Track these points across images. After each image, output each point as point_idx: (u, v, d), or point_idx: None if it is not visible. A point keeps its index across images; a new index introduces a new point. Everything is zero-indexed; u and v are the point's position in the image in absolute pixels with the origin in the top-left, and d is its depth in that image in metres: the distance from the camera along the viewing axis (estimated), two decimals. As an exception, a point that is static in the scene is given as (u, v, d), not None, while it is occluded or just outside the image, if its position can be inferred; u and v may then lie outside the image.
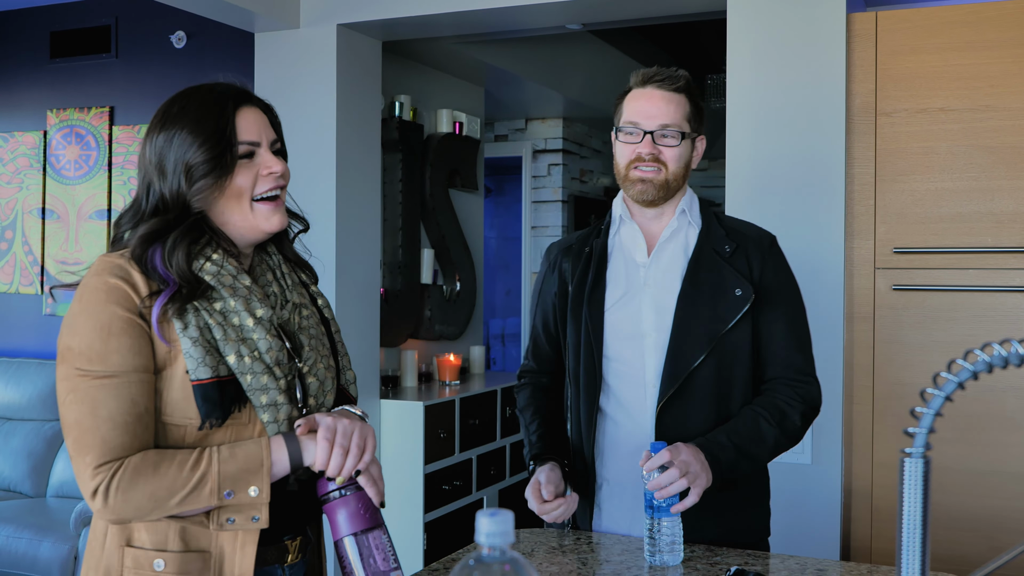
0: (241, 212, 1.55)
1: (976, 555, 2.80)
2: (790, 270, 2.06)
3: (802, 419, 1.97)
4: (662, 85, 1.99)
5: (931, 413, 0.99)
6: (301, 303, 1.64)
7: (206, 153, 1.50)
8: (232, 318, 1.50)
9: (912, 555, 0.97)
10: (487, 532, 0.90)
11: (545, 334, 2.18)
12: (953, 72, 2.89)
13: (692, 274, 1.98)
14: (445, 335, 5.02)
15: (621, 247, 2.08)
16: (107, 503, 1.41)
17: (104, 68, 4.83)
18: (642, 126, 1.98)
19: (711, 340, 1.94)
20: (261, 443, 1.46)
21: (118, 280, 1.45)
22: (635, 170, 1.99)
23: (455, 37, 4.28)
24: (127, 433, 1.42)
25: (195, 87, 1.59)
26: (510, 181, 7.54)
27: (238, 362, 1.47)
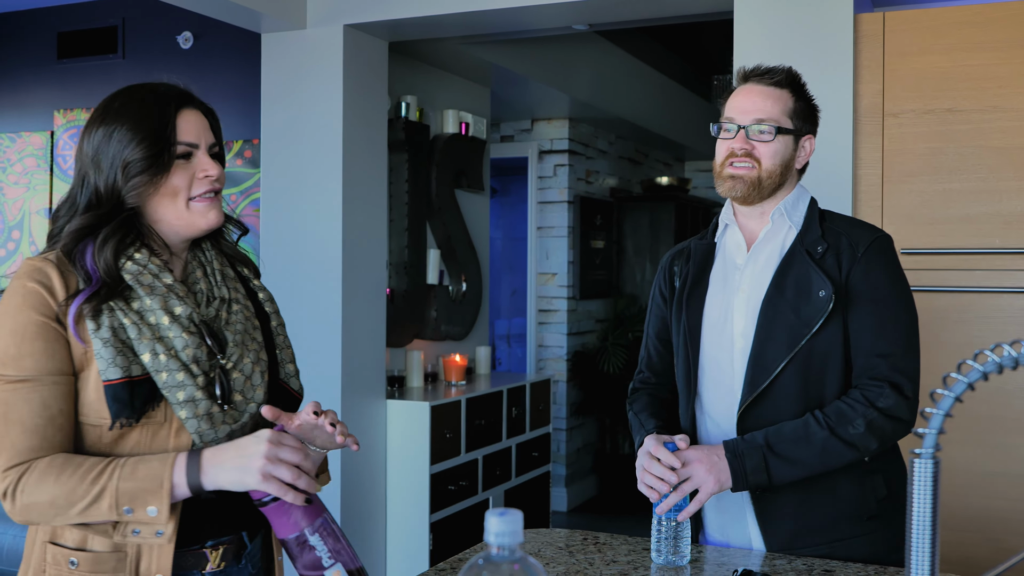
0: (176, 210, 1.56)
1: (982, 557, 2.79)
2: (895, 270, 1.91)
3: (867, 426, 1.79)
4: (761, 80, 1.94)
5: (941, 414, 0.99)
6: (232, 298, 1.64)
7: (144, 151, 1.52)
8: (148, 317, 1.50)
9: (922, 556, 0.97)
10: (496, 531, 0.90)
11: (660, 341, 2.12)
12: (961, 73, 2.88)
13: (779, 278, 1.88)
14: (451, 335, 5.02)
15: (724, 249, 2.01)
16: (14, 505, 1.44)
17: (111, 69, 4.84)
18: (736, 121, 1.92)
19: (793, 345, 1.84)
20: (166, 461, 1.45)
21: (36, 284, 1.47)
22: (729, 166, 1.92)
23: (461, 37, 4.28)
24: (36, 436, 1.44)
25: (139, 85, 1.61)
26: (516, 182, 7.54)
27: (152, 360, 1.48)
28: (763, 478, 1.79)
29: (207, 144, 1.59)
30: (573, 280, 6.58)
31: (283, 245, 3.98)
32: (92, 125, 1.57)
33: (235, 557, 1.61)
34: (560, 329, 6.52)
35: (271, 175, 4.00)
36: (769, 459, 1.79)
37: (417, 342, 4.89)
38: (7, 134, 5.04)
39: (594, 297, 6.84)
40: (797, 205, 1.95)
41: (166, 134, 1.54)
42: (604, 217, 6.95)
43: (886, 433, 1.82)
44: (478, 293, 5.24)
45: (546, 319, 6.57)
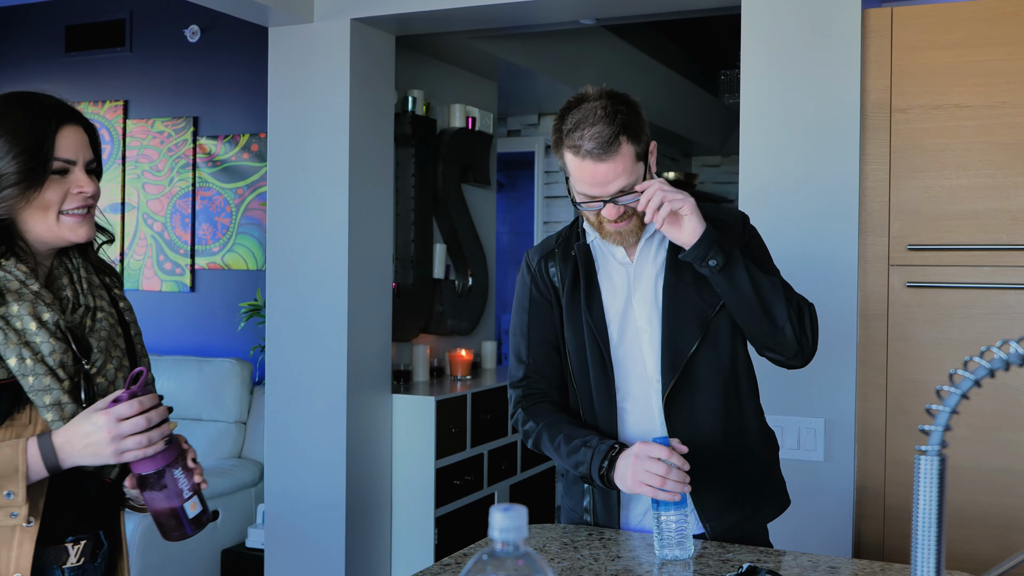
0: (46, 223, 1.58)
1: (989, 554, 2.79)
2: (764, 245, 2.06)
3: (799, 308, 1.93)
4: (600, 155, 1.84)
5: (947, 411, 0.99)
6: (97, 306, 1.66)
7: (19, 165, 1.53)
8: (15, 322, 1.52)
9: (927, 554, 0.97)
10: (501, 527, 0.90)
11: (547, 343, 2.07)
12: (969, 68, 2.87)
13: (673, 265, 1.97)
14: (457, 330, 5.03)
15: (603, 249, 2.05)
16: None
17: (118, 62, 4.84)
18: (599, 196, 1.89)
19: (702, 324, 1.94)
20: (17, 446, 1.48)
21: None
22: (608, 224, 1.93)
23: (468, 32, 4.27)
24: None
25: (20, 94, 1.62)
26: (522, 176, 7.53)
27: (19, 364, 1.50)
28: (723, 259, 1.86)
29: (84, 160, 1.62)
30: (579, 275, 6.57)
31: (289, 239, 3.99)
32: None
33: (92, 555, 1.66)
34: (566, 324, 6.51)
35: (278, 169, 4.00)
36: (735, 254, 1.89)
37: (423, 336, 4.90)
38: (15, 127, 5.04)
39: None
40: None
41: (43, 150, 1.55)
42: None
43: (804, 326, 1.92)
44: (484, 287, 5.24)
45: (552, 314, 6.56)
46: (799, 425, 2.97)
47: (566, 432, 1.96)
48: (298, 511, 3.95)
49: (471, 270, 5.11)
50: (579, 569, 1.72)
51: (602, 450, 1.88)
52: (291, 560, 3.95)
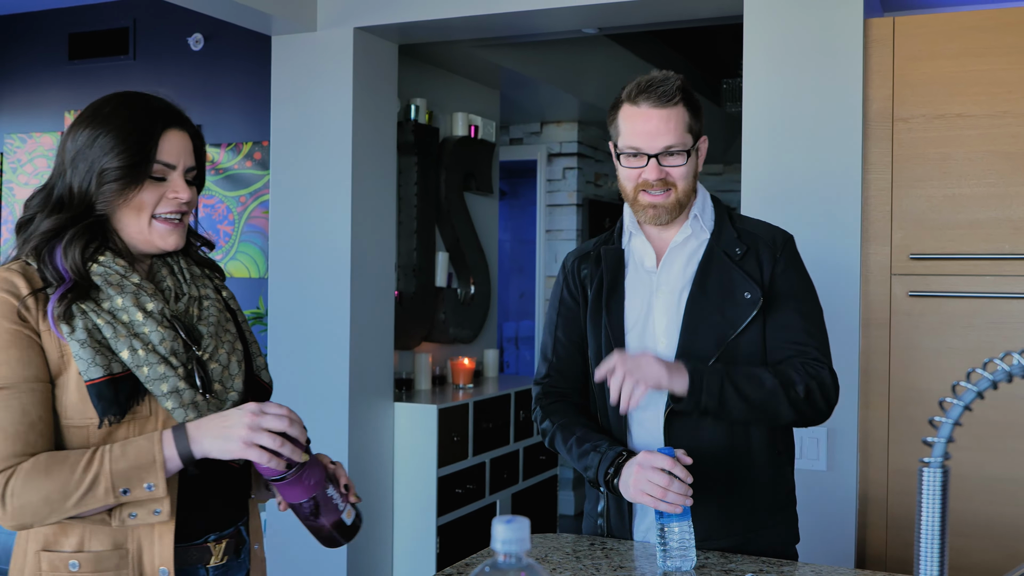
0: (139, 225, 1.58)
1: (992, 563, 2.78)
2: (805, 270, 2.01)
3: (806, 392, 1.86)
4: (658, 102, 1.89)
5: (950, 423, 0.99)
6: (201, 295, 1.67)
7: (121, 162, 1.54)
8: (121, 315, 1.52)
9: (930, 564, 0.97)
10: (503, 539, 0.90)
11: (571, 343, 2.09)
12: (971, 77, 2.88)
13: (701, 278, 1.94)
14: (459, 338, 5.02)
15: (632, 256, 2.05)
16: (4, 511, 1.45)
17: (122, 70, 4.85)
18: (644, 150, 1.90)
19: (720, 344, 1.89)
20: (153, 438, 1.48)
21: (5, 294, 1.49)
22: (644, 194, 1.93)
23: (471, 40, 4.28)
24: (19, 442, 1.45)
25: (133, 93, 1.63)
26: (525, 184, 7.54)
27: (132, 356, 1.50)
28: (715, 402, 1.82)
29: (185, 167, 1.61)
30: (581, 283, 6.57)
31: (292, 247, 3.99)
32: (79, 125, 1.58)
33: (235, 551, 1.65)
34: (568, 332, 6.51)
35: (280, 177, 4.01)
36: (726, 385, 1.83)
37: (425, 345, 4.89)
38: (18, 134, 5.06)
39: (602, 300, 6.83)
40: (705, 208, 2.01)
41: (147, 150, 1.56)
42: (613, 220, 6.94)
43: (817, 407, 1.90)
44: (486, 296, 5.24)
45: (554, 322, 6.56)
46: (801, 434, 2.97)
47: (579, 435, 1.97)
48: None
49: (473, 278, 5.11)
50: (581, 579, 1.71)
51: (609, 456, 1.88)
52: (292, 568, 3.94)
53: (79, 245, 1.53)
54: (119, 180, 1.54)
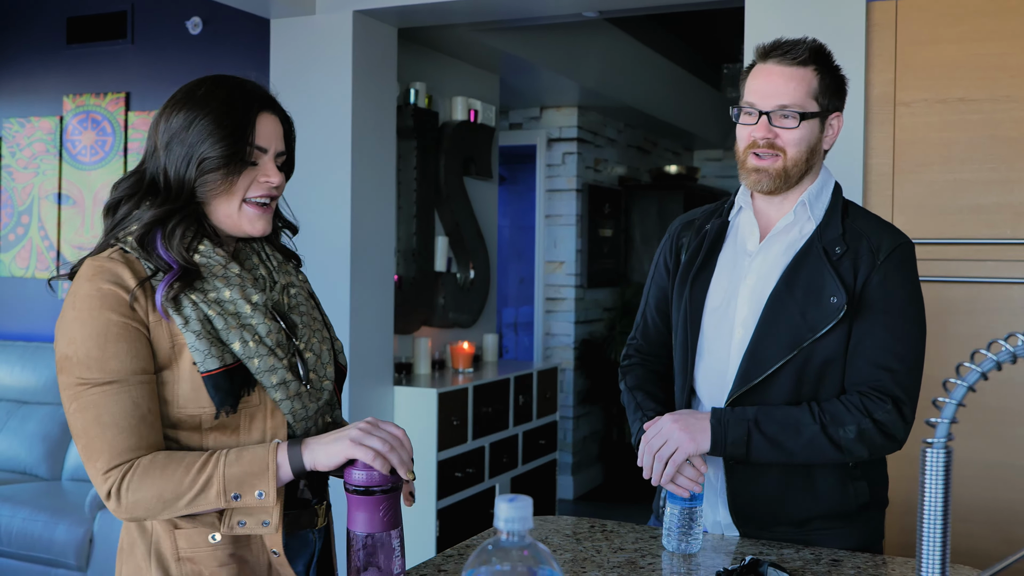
0: (228, 209, 1.56)
1: (990, 548, 2.79)
2: (913, 282, 1.83)
3: (859, 434, 1.74)
4: (783, 60, 1.81)
5: (954, 403, 0.98)
6: (288, 283, 1.66)
7: (223, 149, 1.52)
8: (229, 307, 1.52)
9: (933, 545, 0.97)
10: (506, 517, 0.90)
11: (658, 312, 2.05)
12: (974, 62, 2.87)
13: (791, 273, 1.82)
14: (459, 323, 5.02)
15: (736, 231, 1.94)
16: (120, 504, 1.45)
17: (120, 54, 4.83)
18: (757, 106, 1.82)
19: (794, 347, 1.78)
20: (268, 447, 1.47)
21: (110, 285, 1.47)
22: (752, 157, 1.84)
23: (471, 24, 4.27)
24: (133, 436, 1.45)
25: (224, 76, 1.60)
26: (524, 170, 7.53)
27: (243, 348, 1.50)
28: (741, 451, 1.76)
29: (276, 151, 1.59)
30: (581, 268, 6.58)
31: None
32: (172, 108, 1.55)
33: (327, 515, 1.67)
34: (567, 317, 6.52)
35: (280, 161, 4.00)
36: (753, 435, 1.75)
37: (425, 329, 4.89)
38: (16, 119, 5.04)
39: (602, 286, 6.84)
40: (821, 195, 1.88)
41: (245, 136, 1.53)
42: (612, 205, 6.94)
43: (875, 445, 1.78)
44: (486, 281, 5.24)
45: (553, 307, 6.57)
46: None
47: (638, 400, 1.98)
48: (299, 503, 3.95)
49: (473, 263, 5.11)
50: (582, 561, 1.72)
51: (639, 425, 1.89)
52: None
53: (180, 233, 1.52)
54: (219, 169, 1.52)
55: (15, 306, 5.04)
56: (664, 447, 1.75)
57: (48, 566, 3.83)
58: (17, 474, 4.41)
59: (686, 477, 1.76)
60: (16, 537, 3.86)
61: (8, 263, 5.04)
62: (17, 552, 3.87)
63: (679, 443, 1.74)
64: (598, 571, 1.67)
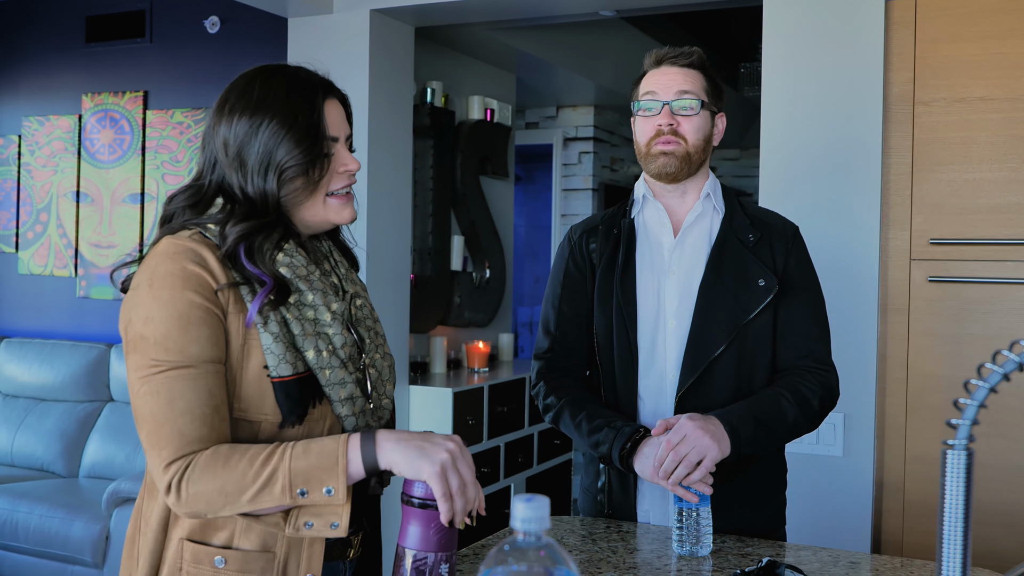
0: (313, 207, 1.48)
1: (1010, 551, 2.77)
2: (811, 261, 2.03)
3: (820, 405, 1.93)
4: (675, 61, 1.97)
5: (975, 404, 0.97)
6: (355, 292, 1.57)
7: (302, 155, 1.42)
8: (307, 312, 1.43)
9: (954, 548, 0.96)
10: (523, 517, 0.89)
11: (577, 318, 2.05)
12: (994, 60, 2.84)
13: (715, 262, 1.95)
14: (474, 322, 5.02)
15: (646, 228, 2.03)
16: (179, 498, 1.34)
17: (138, 53, 4.85)
18: (659, 96, 1.96)
19: (732, 329, 1.91)
20: (339, 439, 1.35)
21: (195, 266, 1.37)
22: (656, 144, 1.95)
23: (487, 23, 4.26)
24: (205, 425, 1.35)
25: (274, 67, 1.50)
26: (540, 169, 7.52)
27: (316, 357, 1.41)
28: (750, 450, 1.85)
29: (345, 135, 1.51)
30: (597, 268, 6.56)
31: (308, 230, 3.99)
32: (230, 113, 1.45)
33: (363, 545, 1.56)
34: (583, 317, 6.50)
35: (296, 160, 4.00)
36: (758, 433, 1.85)
37: (440, 328, 4.89)
38: (35, 117, 5.07)
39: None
40: (716, 188, 2.03)
41: (318, 133, 1.44)
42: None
43: (827, 408, 1.96)
44: (501, 280, 5.24)
45: (569, 307, 6.55)
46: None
47: (589, 411, 1.95)
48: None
49: (489, 262, 5.11)
50: (597, 561, 1.71)
51: (626, 432, 1.87)
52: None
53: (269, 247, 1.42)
54: (302, 176, 1.42)
55: (33, 303, 5.07)
56: (692, 453, 1.76)
57: (65, 563, 3.85)
58: (34, 471, 4.43)
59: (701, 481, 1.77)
60: (33, 534, 3.88)
61: (27, 261, 5.07)
62: (34, 549, 3.89)
63: (707, 449, 1.77)
64: (614, 572, 1.66)
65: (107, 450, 4.32)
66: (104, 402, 4.52)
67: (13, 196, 5.12)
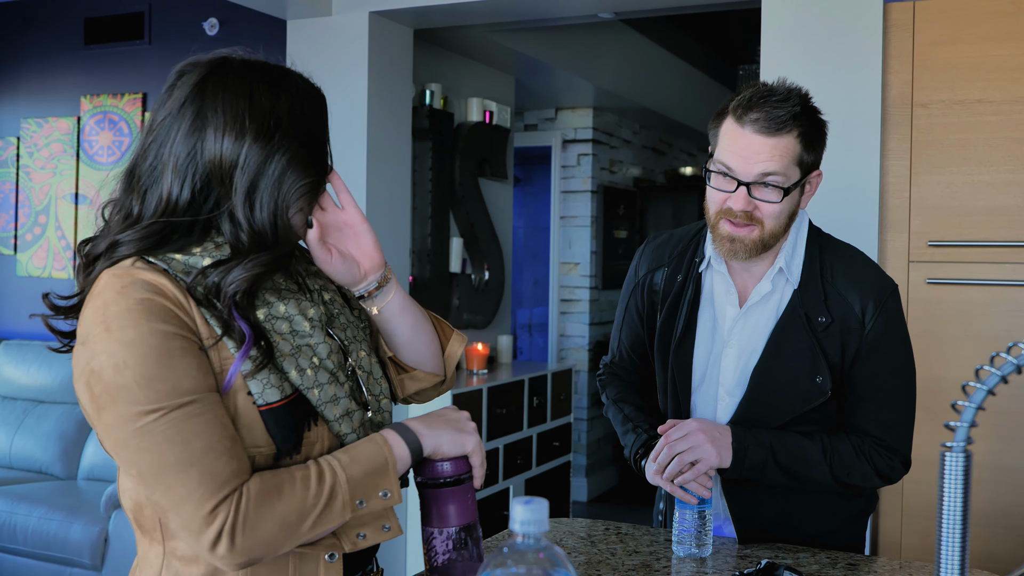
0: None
1: (1007, 553, 2.77)
2: (901, 331, 1.81)
3: (861, 480, 1.79)
4: (765, 128, 1.66)
5: (973, 407, 0.97)
6: (321, 286, 1.40)
7: (308, 188, 1.30)
8: (281, 325, 1.26)
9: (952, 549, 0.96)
10: (522, 520, 0.89)
11: (634, 352, 2.02)
12: (992, 63, 2.85)
13: (775, 343, 1.78)
14: (473, 324, 5.02)
15: (712, 293, 1.87)
16: (234, 546, 1.15)
17: (137, 55, 4.85)
18: (736, 174, 1.68)
19: (784, 414, 1.79)
20: (375, 440, 1.27)
21: (153, 295, 1.19)
22: (724, 223, 1.72)
23: (486, 25, 4.27)
24: (233, 459, 1.18)
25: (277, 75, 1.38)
26: (539, 171, 7.53)
27: (300, 376, 1.25)
28: (756, 475, 1.77)
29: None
30: (596, 270, 6.57)
31: (306, 232, 3.99)
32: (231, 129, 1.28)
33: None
34: (582, 319, 6.51)
35: (295, 162, 4.01)
36: (769, 463, 1.76)
37: (439, 330, 4.88)
38: (34, 119, 5.07)
39: (617, 287, 6.82)
40: (795, 253, 1.81)
41: (326, 151, 1.35)
42: (627, 207, 6.93)
43: (873, 486, 1.86)
44: (500, 282, 5.24)
45: (568, 309, 6.57)
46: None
47: (626, 412, 1.97)
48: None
49: (487, 264, 5.11)
50: (596, 564, 1.71)
51: (643, 438, 1.89)
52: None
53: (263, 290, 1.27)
54: (305, 196, 1.31)
55: (32, 305, 5.07)
56: (687, 453, 1.73)
57: (63, 565, 3.85)
58: (33, 473, 4.43)
59: (697, 483, 1.75)
60: (32, 536, 3.87)
61: (25, 263, 5.07)
62: (32, 551, 3.89)
63: (705, 454, 1.73)
64: (613, 574, 1.66)
65: (105, 453, 4.31)
66: (103, 404, 4.51)
67: (12, 198, 5.12)
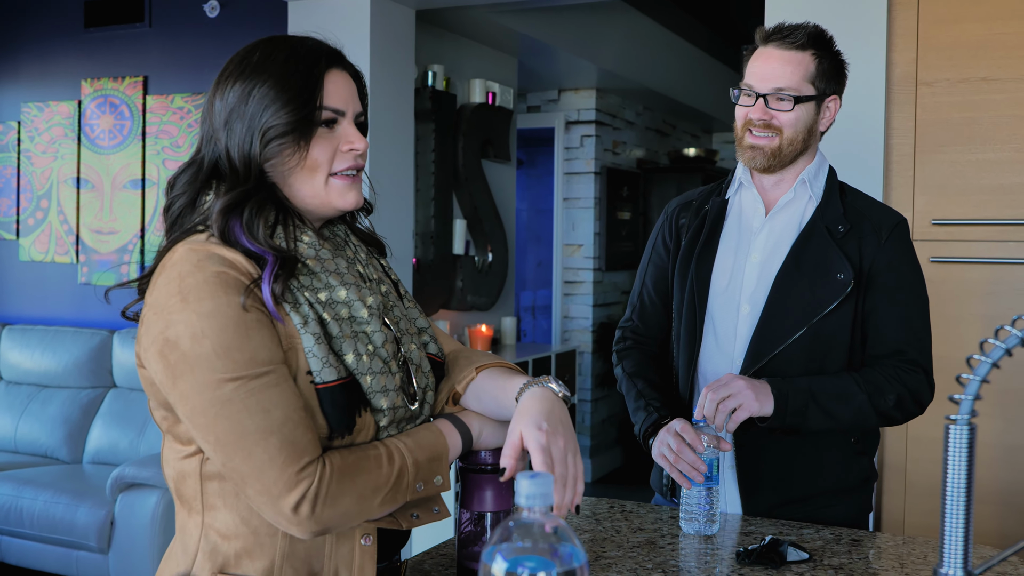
0: (313, 187, 1.33)
1: (1009, 529, 2.77)
2: (914, 257, 1.91)
3: (897, 402, 1.82)
4: (782, 43, 1.87)
5: (978, 380, 0.98)
6: (379, 278, 1.42)
7: (287, 115, 1.28)
8: (342, 310, 1.29)
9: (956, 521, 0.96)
10: (527, 494, 0.89)
11: (656, 292, 2.06)
12: (997, 41, 2.83)
13: (797, 251, 1.87)
14: (477, 306, 5.03)
15: (739, 210, 1.98)
16: (314, 513, 1.19)
17: (138, 38, 4.84)
18: (754, 88, 1.88)
19: (803, 323, 1.83)
20: (431, 429, 1.32)
21: (227, 269, 1.22)
22: (748, 135, 1.90)
23: (489, 6, 4.25)
24: (309, 430, 1.21)
25: (281, 38, 1.38)
26: (542, 152, 7.52)
27: (356, 362, 1.26)
28: (799, 421, 1.79)
29: (354, 112, 1.38)
30: (599, 251, 6.57)
31: (309, 214, 3.99)
32: (226, 81, 1.32)
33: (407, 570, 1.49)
34: (586, 300, 6.52)
35: (298, 144, 4.00)
36: (810, 406, 1.79)
37: (443, 312, 4.90)
38: (35, 103, 5.06)
39: (620, 269, 6.82)
40: (818, 174, 1.94)
41: (312, 96, 1.30)
42: (630, 188, 6.91)
43: (908, 412, 1.86)
44: (504, 264, 5.24)
45: (571, 290, 6.57)
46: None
47: (639, 388, 1.98)
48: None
49: (491, 246, 5.11)
50: (601, 540, 1.72)
51: (653, 417, 1.89)
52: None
53: (261, 220, 1.27)
54: (286, 136, 1.29)
55: (35, 290, 5.07)
56: (729, 399, 1.74)
57: (70, 548, 3.87)
58: (38, 457, 4.45)
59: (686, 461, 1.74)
60: (38, 520, 3.89)
61: (28, 247, 5.07)
62: (39, 535, 3.90)
63: (745, 400, 1.74)
64: (618, 551, 1.67)
65: (111, 436, 4.33)
66: (107, 388, 4.53)
67: (13, 183, 5.12)
